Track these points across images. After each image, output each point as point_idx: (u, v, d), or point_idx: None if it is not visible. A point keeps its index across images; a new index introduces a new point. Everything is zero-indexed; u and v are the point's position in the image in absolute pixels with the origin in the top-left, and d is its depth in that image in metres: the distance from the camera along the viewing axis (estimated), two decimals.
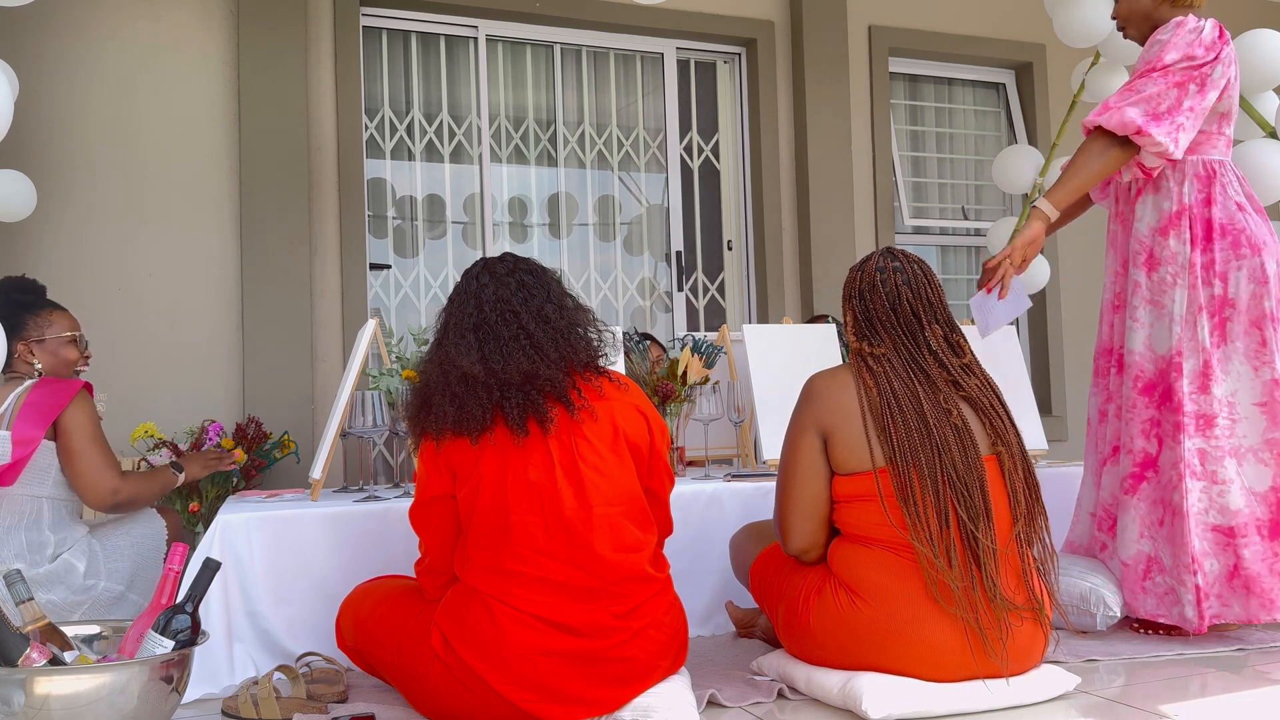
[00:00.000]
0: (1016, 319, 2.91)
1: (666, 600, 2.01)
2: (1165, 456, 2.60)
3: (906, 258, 2.20)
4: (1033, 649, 2.07)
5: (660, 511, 2.14)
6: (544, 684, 1.87)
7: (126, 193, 4.10)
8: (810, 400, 2.16)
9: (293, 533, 2.46)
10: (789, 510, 2.16)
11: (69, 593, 2.55)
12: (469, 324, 2.03)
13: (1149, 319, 2.68)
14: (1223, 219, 2.64)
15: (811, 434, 2.13)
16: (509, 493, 1.93)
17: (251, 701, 2.09)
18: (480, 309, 2.03)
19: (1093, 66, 4.01)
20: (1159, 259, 2.66)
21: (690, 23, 4.98)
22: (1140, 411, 2.66)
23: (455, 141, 4.75)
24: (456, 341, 2.02)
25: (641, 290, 5.05)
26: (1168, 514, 2.59)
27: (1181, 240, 2.64)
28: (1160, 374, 2.64)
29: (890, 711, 1.95)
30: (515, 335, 2.00)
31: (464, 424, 1.97)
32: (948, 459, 2.02)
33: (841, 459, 2.10)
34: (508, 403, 1.96)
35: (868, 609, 2.02)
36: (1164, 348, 2.64)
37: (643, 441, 2.05)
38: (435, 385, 2.02)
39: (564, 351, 2.02)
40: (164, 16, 4.19)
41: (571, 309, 2.09)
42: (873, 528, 2.06)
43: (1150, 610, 2.60)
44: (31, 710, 1.65)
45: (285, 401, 4.13)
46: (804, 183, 5.06)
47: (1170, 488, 2.58)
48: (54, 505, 2.62)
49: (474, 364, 1.98)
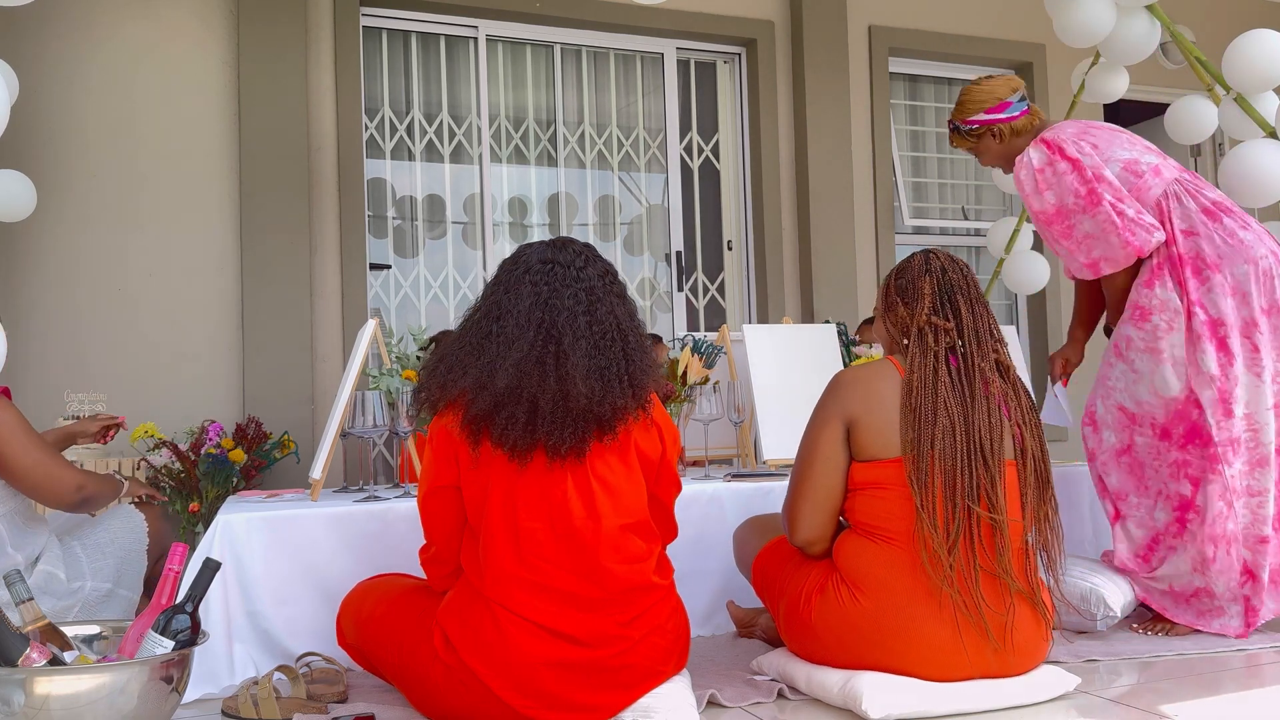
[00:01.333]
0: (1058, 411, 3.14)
1: (669, 606, 2.00)
2: (1204, 494, 2.59)
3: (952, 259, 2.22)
4: (1035, 649, 2.06)
5: (664, 517, 2.12)
6: (545, 691, 1.86)
7: (126, 193, 4.10)
8: (838, 390, 2.15)
9: (293, 533, 2.46)
10: (801, 498, 2.15)
11: (56, 600, 2.50)
12: (581, 327, 1.85)
13: (1150, 366, 2.67)
14: (1180, 252, 2.65)
15: (835, 423, 2.12)
16: (518, 499, 1.90)
17: (251, 701, 2.09)
18: (593, 312, 1.88)
19: (1093, 66, 4.01)
20: (1149, 309, 2.67)
21: (690, 23, 4.98)
22: (1165, 455, 2.66)
23: (455, 141, 4.76)
24: (571, 348, 1.83)
25: (641, 290, 5.05)
26: (1222, 546, 2.57)
27: (1167, 289, 2.65)
28: (1176, 415, 2.64)
29: (890, 711, 1.95)
30: (618, 361, 1.87)
31: (521, 445, 1.83)
32: (975, 450, 2.02)
33: (865, 443, 2.09)
34: (566, 430, 1.83)
35: (869, 604, 2.02)
36: (1175, 389, 2.63)
37: (654, 454, 2.01)
38: (523, 386, 1.84)
39: (642, 386, 1.91)
40: (164, 16, 4.19)
41: (645, 331, 1.99)
42: (883, 518, 2.06)
43: (1189, 621, 2.64)
44: (31, 710, 1.65)
45: (285, 401, 4.13)
46: (804, 183, 5.06)
47: (1220, 521, 2.57)
48: (8, 522, 2.47)
49: (580, 385, 1.82)
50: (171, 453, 3.61)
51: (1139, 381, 2.69)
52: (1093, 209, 2.67)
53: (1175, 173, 2.75)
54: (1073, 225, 2.72)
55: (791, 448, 3.15)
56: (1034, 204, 2.79)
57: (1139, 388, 2.69)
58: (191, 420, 3.92)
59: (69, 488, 2.48)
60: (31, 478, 2.44)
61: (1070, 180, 2.71)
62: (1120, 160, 2.74)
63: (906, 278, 2.21)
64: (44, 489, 2.47)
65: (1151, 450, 2.68)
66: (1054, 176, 2.73)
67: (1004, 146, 2.89)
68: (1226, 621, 2.59)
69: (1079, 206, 2.70)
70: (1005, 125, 2.86)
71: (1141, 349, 2.68)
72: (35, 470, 2.44)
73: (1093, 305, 3.04)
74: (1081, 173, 2.69)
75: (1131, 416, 2.71)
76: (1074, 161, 2.70)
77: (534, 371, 1.84)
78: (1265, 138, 3.31)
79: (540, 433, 1.84)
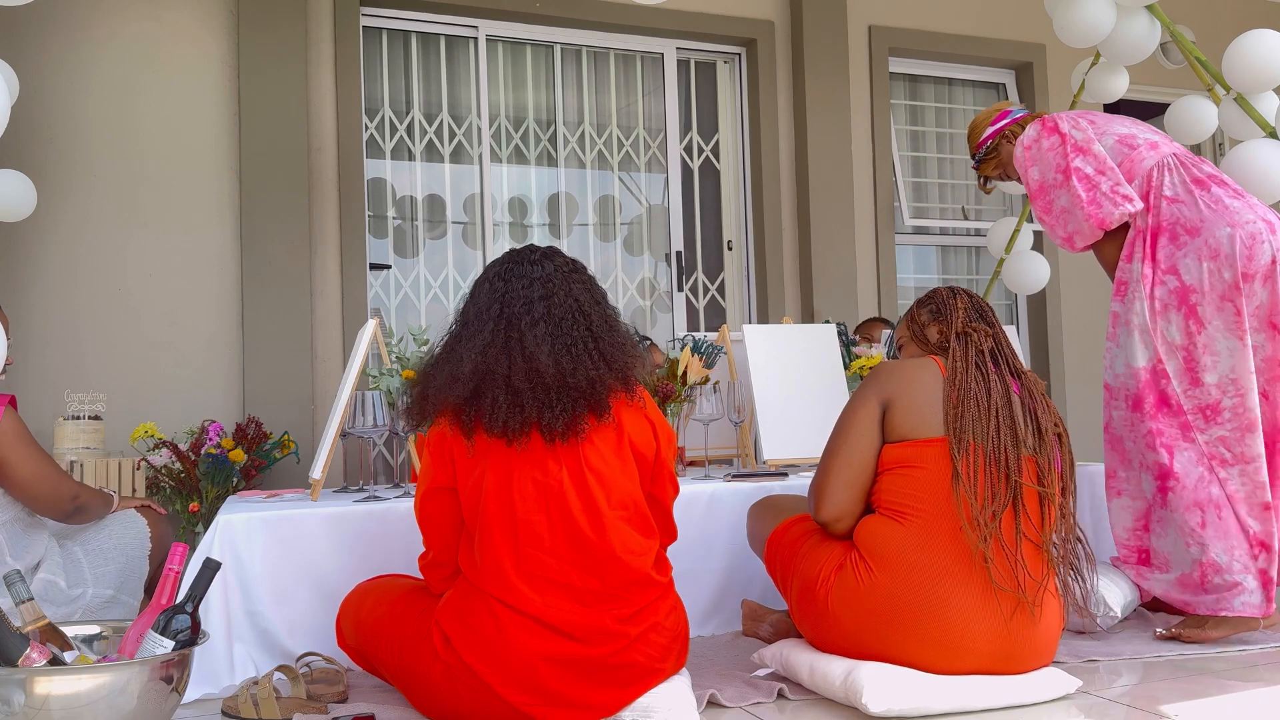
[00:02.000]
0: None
1: (668, 604, 2.01)
2: (1180, 460, 2.60)
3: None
4: (1048, 645, 2.08)
5: (663, 518, 2.12)
6: (545, 688, 1.87)
7: (126, 193, 4.10)
8: (878, 374, 2.22)
9: (293, 533, 2.46)
10: (831, 474, 2.18)
11: (57, 607, 2.50)
12: (539, 312, 1.92)
13: (1123, 338, 2.72)
14: (1159, 221, 2.69)
15: (873, 403, 2.18)
16: (515, 492, 1.91)
17: (251, 701, 2.09)
18: (550, 298, 1.93)
19: (1093, 66, 4.01)
20: (1125, 282, 2.74)
21: (690, 23, 4.98)
22: (1139, 426, 2.67)
23: (455, 141, 4.76)
24: (529, 330, 1.90)
25: (641, 290, 5.05)
26: (1209, 512, 2.57)
27: (1136, 259, 2.71)
28: (1146, 385, 2.65)
29: (890, 706, 1.95)
30: (583, 338, 1.94)
31: (512, 425, 1.88)
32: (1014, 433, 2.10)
33: (899, 423, 2.14)
34: (556, 408, 1.88)
35: (886, 579, 2.03)
36: (1142, 360, 2.66)
37: (649, 450, 2.03)
38: (492, 370, 1.90)
39: (623, 363, 1.96)
40: (164, 16, 4.19)
41: (619, 317, 2.05)
42: (909, 496, 2.08)
43: (1210, 607, 2.58)
44: (31, 710, 1.65)
45: (285, 401, 4.13)
46: (804, 183, 5.06)
47: (1202, 487, 2.58)
48: (7, 530, 2.49)
49: (546, 360, 1.88)
50: (171, 453, 3.61)
51: (1118, 356, 2.73)
52: (1065, 183, 2.74)
53: (1174, 148, 2.79)
54: (1052, 201, 2.79)
55: (792, 448, 3.16)
56: (1026, 181, 2.87)
57: (1118, 362, 2.73)
58: (191, 420, 3.92)
59: (65, 497, 2.52)
60: (31, 489, 2.48)
61: (1052, 156, 2.78)
62: (1116, 134, 2.80)
63: (935, 301, 2.34)
64: (42, 499, 2.50)
65: (1127, 423, 2.71)
66: (1039, 153, 2.81)
67: (1010, 160, 2.98)
68: (1247, 599, 2.53)
69: (1056, 181, 2.77)
70: (1014, 125, 2.96)
71: (1121, 323, 2.73)
72: (36, 481, 2.48)
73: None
74: (1064, 147, 2.76)
75: (1111, 391, 2.76)
76: (1063, 136, 2.78)
77: (500, 356, 1.91)
78: (1265, 138, 3.31)
79: (531, 412, 1.89)
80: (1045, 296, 5.43)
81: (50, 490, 2.50)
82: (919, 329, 2.36)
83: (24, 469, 2.46)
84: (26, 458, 2.47)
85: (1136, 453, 2.70)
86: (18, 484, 2.47)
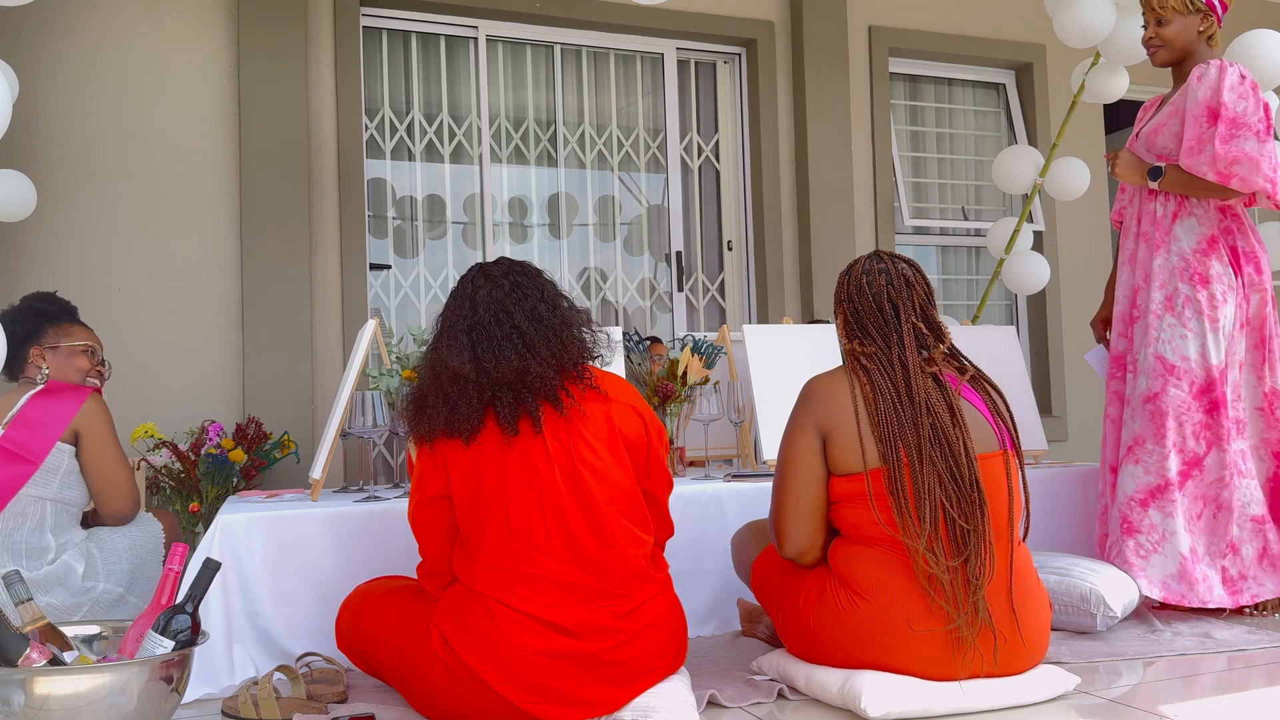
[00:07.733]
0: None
1: (666, 601, 2.02)
2: (1212, 458, 2.85)
3: (892, 258, 2.22)
4: (1036, 648, 2.07)
5: (659, 514, 2.14)
6: (543, 685, 1.88)
7: (126, 193, 4.10)
8: (809, 401, 2.16)
9: (293, 533, 2.46)
10: (786, 510, 2.15)
11: (68, 595, 2.54)
12: (463, 325, 2.04)
13: (1201, 330, 2.85)
14: (1244, 246, 2.91)
15: (810, 434, 2.13)
16: (508, 491, 1.93)
17: (251, 701, 2.09)
18: (474, 310, 2.04)
19: (1093, 66, 4.01)
20: (1209, 278, 2.87)
21: (690, 23, 4.98)
22: (1193, 414, 2.85)
23: (455, 142, 4.76)
24: (450, 343, 2.03)
25: (641, 291, 5.05)
26: (1208, 508, 2.84)
27: (1224, 263, 2.88)
28: (1211, 382, 2.85)
29: (889, 710, 1.95)
30: (508, 334, 2.01)
31: (455, 424, 1.97)
32: (939, 455, 2.02)
33: (838, 459, 2.10)
34: (499, 401, 1.97)
35: (867, 606, 2.02)
36: (1217, 359, 2.85)
37: (639, 440, 2.05)
38: (429, 387, 2.03)
39: (555, 350, 2.02)
40: (164, 17, 4.19)
41: (565, 309, 2.09)
42: (869, 527, 2.06)
43: (1200, 599, 2.77)
44: (31, 710, 1.65)
45: (285, 401, 4.13)
46: (804, 183, 5.06)
47: (1218, 486, 2.84)
48: (57, 509, 2.59)
49: (465, 363, 1.99)
50: (171, 453, 3.61)
51: (1188, 340, 2.86)
52: (1265, 137, 2.84)
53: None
54: (1237, 136, 2.82)
55: None
56: (1221, 101, 2.84)
57: (1187, 345, 2.85)
58: (191, 420, 3.93)
59: (136, 502, 2.70)
60: (112, 492, 2.65)
61: (1253, 105, 2.84)
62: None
63: (840, 306, 2.26)
64: (118, 505, 2.67)
65: (1182, 405, 2.84)
66: (1250, 93, 2.86)
67: (1192, 38, 2.96)
68: (1213, 591, 2.77)
69: (1253, 129, 2.82)
70: (1218, 22, 2.99)
71: (1198, 310, 2.85)
72: (119, 485, 2.65)
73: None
74: (1267, 109, 2.87)
75: (1170, 368, 2.86)
76: (1265, 104, 2.89)
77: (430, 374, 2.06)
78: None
79: (463, 409, 1.97)
80: (1045, 296, 5.43)
81: (127, 497, 2.67)
82: (840, 318, 2.27)
83: (117, 470, 2.65)
84: (119, 459, 2.65)
85: (1178, 435, 2.83)
86: (107, 482, 2.64)
